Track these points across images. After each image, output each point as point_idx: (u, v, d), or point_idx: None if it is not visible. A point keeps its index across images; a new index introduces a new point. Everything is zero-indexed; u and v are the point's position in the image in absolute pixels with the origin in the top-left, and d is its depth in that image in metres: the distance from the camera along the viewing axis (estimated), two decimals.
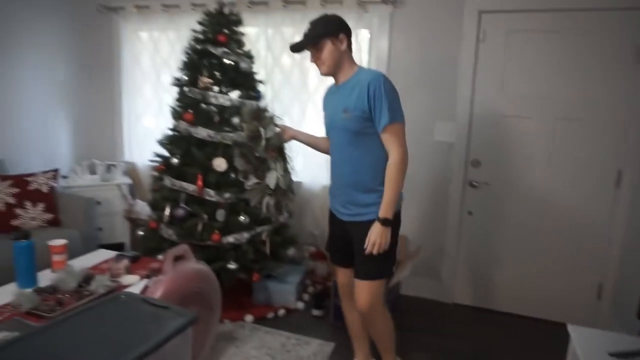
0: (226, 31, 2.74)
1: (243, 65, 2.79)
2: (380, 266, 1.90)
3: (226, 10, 2.80)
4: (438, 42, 2.90)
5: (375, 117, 1.80)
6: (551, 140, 2.76)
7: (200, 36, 2.74)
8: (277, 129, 2.06)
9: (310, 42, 1.87)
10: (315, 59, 1.91)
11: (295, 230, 3.17)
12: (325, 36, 1.85)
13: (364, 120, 1.81)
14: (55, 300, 1.86)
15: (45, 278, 2.11)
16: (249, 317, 2.74)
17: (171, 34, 3.54)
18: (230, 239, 2.63)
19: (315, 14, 2.94)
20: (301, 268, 3.18)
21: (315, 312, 2.90)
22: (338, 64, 1.89)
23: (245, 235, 2.66)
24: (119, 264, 2.25)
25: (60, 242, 2.24)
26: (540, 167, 2.81)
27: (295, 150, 2.77)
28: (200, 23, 2.76)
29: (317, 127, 3.17)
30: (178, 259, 2.04)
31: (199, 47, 2.72)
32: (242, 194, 2.67)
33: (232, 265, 2.60)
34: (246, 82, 2.83)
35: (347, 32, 1.91)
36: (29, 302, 1.83)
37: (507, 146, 2.87)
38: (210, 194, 2.64)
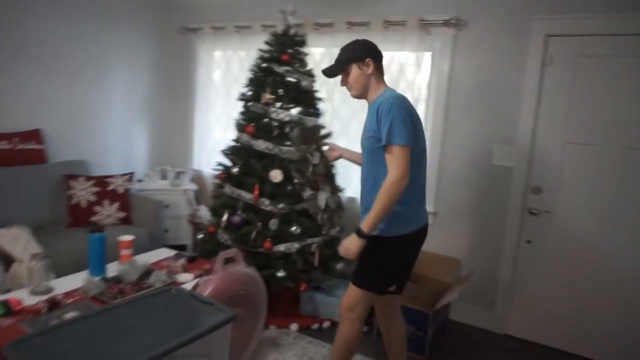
0: (290, 51, 2.90)
1: (304, 83, 2.92)
2: (362, 276, 1.98)
3: (292, 32, 2.96)
4: (501, 65, 2.86)
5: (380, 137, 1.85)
6: (621, 170, 2.60)
7: (266, 55, 2.91)
8: (325, 148, 2.21)
9: (338, 68, 1.99)
10: (345, 82, 2.02)
11: None
12: (352, 61, 1.95)
13: (376, 141, 1.87)
14: (118, 289, 2.06)
15: (112, 269, 2.33)
16: (294, 326, 2.81)
17: (242, 53, 3.78)
18: (281, 247, 2.74)
19: (378, 36, 3.08)
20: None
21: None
22: (366, 87, 1.97)
23: (296, 245, 2.75)
24: (176, 262, 2.44)
25: (128, 238, 2.47)
26: (608, 197, 2.64)
27: (351, 167, 2.85)
28: (267, 43, 2.94)
29: None
30: (228, 261, 2.17)
31: (264, 65, 2.90)
32: (295, 205, 2.78)
33: (281, 273, 2.69)
34: (306, 99, 2.96)
35: (375, 56, 1.98)
36: (96, 289, 2.04)
37: (572, 174, 2.73)
38: (265, 204, 2.77)
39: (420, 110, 3.14)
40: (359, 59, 1.95)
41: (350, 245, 1.87)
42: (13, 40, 3.12)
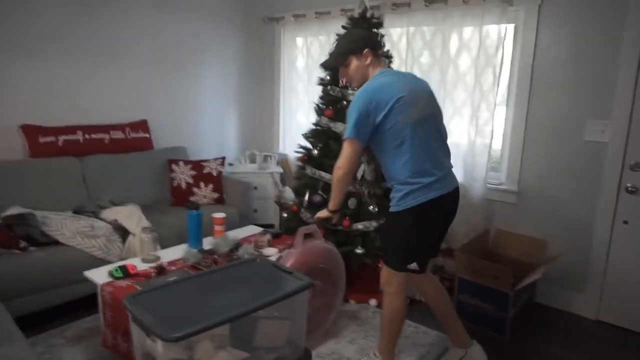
0: None
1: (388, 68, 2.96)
2: (385, 253, 2.10)
3: (369, 14, 3.00)
4: (593, 33, 2.65)
5: None
6: None
7: None
8: None
9: (337, 61, 2.05)
10: (344, 74, 2.06)
11: None
12: (350, 54, 2.00)
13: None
14: (211, 259, 2.32)
15: (207, 242, 2.61)
16: (373, 301, 2.91)
17: (322, 38, 3.90)
18: (360, 226, 2.84)
19: (457, 12, 3.02)
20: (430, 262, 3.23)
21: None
22: (365, 77, 2.00)
23: (374, 224, 2.83)
24: (262, 238, 2.66)
25: (221, 215, 2.73)
26: None
27: None
28: (344, 27, 3.01)
29: (456, 126, 3.19)
30: (308, 236, 2.32)
31: None
32: (374, 185, 2.86)
33: (359, 250, 2.80)
34: None
35: (372, 46, 2.03)
36: (194, 259, 2.32)
37: None
38: None
39: (503, 87, 3.03)
40: (357, 51, 1.99)
41: (320, 213, 2.21)
42: (119, 40, 3.53)
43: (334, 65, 2.14)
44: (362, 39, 2.04)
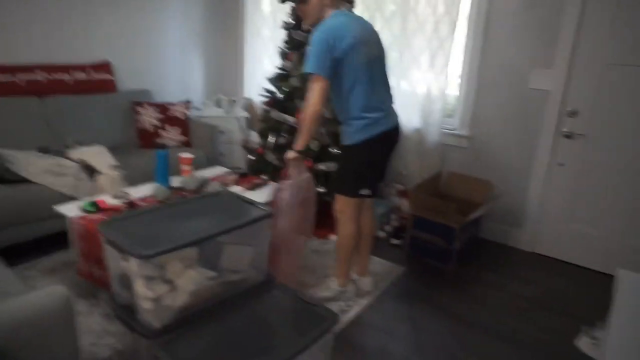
0: None
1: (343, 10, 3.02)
2: (338, 183, 2.30)
3: None
4: None
5: None
6: None
7: None
8: None
9: None
10: (301, 12, 2.14)
11: None
12: None
13: None
14: (180, 195, 2.44)
15: (175, 181, 2.71)
16: (333, 237, 3.14)
17: None
18: (322, 166, 3.01)
19: None
20: (387, 203, 3.47)
21: (394, 241, 3.20)
22: (320, 17, 2.10)
23: (335, 165, 3.01)
24: (229, 177, 2.79)
25: (188, 155, 2.83)
26: None
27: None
28: None
29: (414, 74, 3.32)
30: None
31: None
32: (335, 127, 3.00)
33: (321, 190, 2.98)
34: None
35: None
36: (163, 194, 2.44)
37: (612, 97, 2.72)
38: None
39: (460, 35, 3.16)
40: None
41: (288, 153, 2.22)
42: None
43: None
44: None
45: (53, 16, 3.33)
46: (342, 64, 2.04)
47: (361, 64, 2.06)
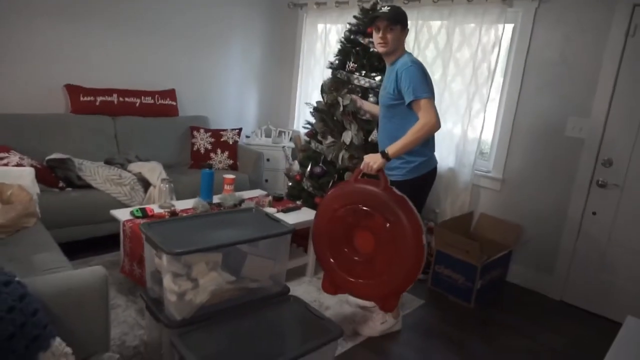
0: None
1: None
2: None
3: (379, 7, 3.28)
4: (583, 36, 2.87)
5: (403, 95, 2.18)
6: None
7: (354, 28, 3.29)
8: (353, 96, 2.71)
9: (391, 20, 2.21)
10: (382, 37, 2.25)
11: None
12: (401, 22, 2.26)
13: (394, 98, 2.22)
14: (218, 209, 2.69)
15: (216, 198, 2.98)
16: None
17: (340, 26, 4.19)
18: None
19: (462, 9, 3.26)
20: None
21: (420, 277, 3.25)
22: (396, 49, 2.27)
23: None
24: (265, 198, 3.02)
25: (231, 176, 3.10)
26: None
27: None
28: (355, 17, 3.31)
29: (452, 116, 3.46)
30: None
31: (351, 37, 3.28)
32: (358, 150, 3.15)
33: None
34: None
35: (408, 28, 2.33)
36: (202, 208, 2.69)
37: None
38: (342, 158, 3.21)
39: (497, 83, 3.28)
40: (405, 24, 2.29)
41: (371, 160, 2.14)
42: (155, 14, 3.92)
43: (385, 20, 2.23)
44: (406, 18, 2.31)
45: (131, 46, 3.83)
46: None
47: None
